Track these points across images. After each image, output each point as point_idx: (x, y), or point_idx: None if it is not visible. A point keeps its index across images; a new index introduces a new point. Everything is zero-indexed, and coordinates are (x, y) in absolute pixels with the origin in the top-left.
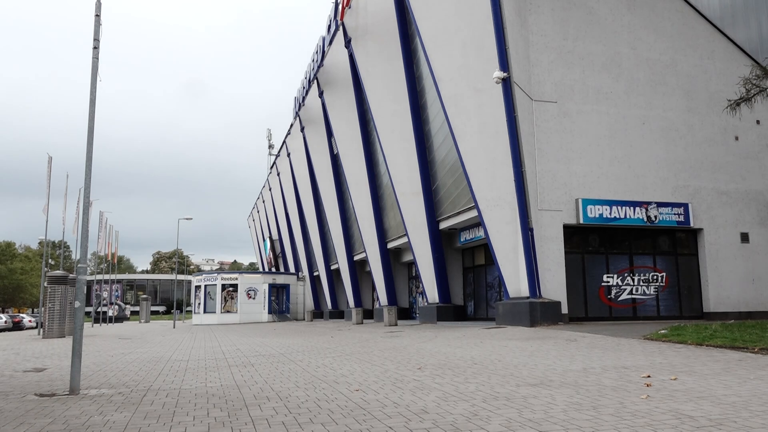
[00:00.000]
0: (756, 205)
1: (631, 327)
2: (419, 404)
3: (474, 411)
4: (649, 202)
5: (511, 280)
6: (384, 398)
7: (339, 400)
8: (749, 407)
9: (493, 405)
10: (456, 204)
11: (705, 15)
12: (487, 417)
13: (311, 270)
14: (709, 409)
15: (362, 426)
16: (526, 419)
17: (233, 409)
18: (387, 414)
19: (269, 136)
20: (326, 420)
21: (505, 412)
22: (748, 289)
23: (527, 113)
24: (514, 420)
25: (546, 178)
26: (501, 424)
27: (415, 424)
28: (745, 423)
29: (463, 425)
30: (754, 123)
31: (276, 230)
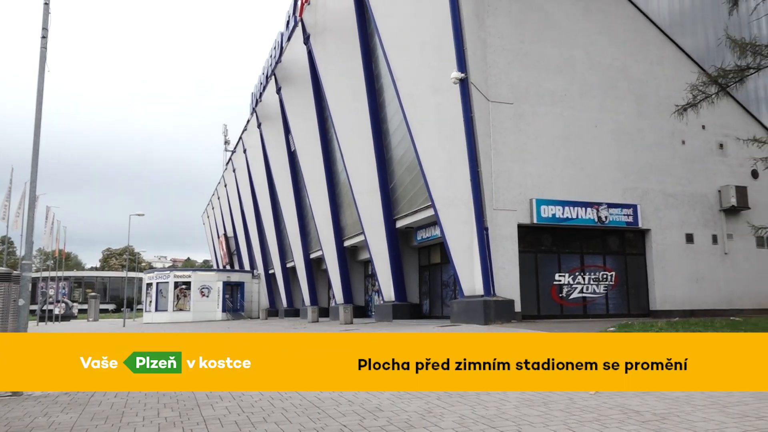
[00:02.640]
0: (700, 207)
1: (582, 325)
2: (374, 402)
3: (428, 408)
4: (600, 203)
5: (466, 278)
6: (339, 396)
7: (293, 399)
8: (692, 402)
9: (447, 402)
10: (413, 203)
11: (655, 22)
12: (440, 414)
13: (267, 268)
14: (654, 404)
15: (316, 425)
16: (479, 416)
17: (184, 409)
18: (341, 412)
19: (225, 131)
20: (280, 419)
21: (459, 409)
22: (692, 288)
23: (484, 114)
24: (467, 417)
25: (501, 178)
26: (454, 420)
27: (369, 422)
28: (687, 417)
29: (417, 422)
30: (700, 128)
31: (231, 227)
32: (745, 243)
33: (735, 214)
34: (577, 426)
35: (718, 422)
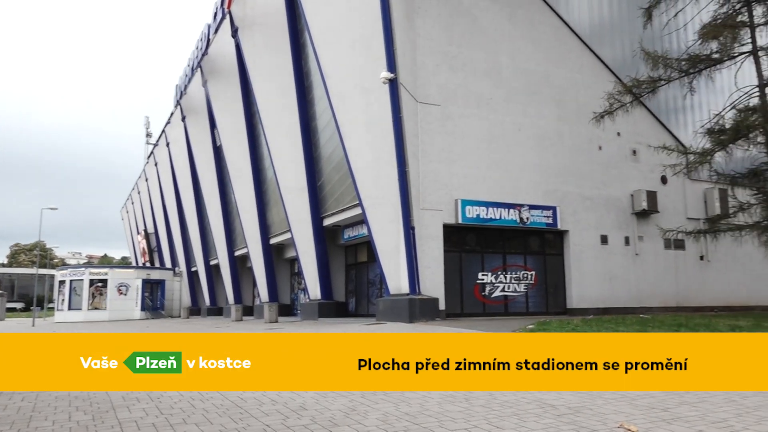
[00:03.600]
0: (615, 210)
1: (503, 322)
2: (298, 401)
3: (352, 406)
4: (522, 204)
5: (392, 277)
6: (261, 396)
7: (214, 399)
8: (603, 394)
9: (372, 400)
10: (341, 201)
11: (576, 32)
12: (365, 412)
13: (189, 265)
14: (569, 398)
15: (238, 425)
16: (403, 413)
17: (98, 412)
18: (264, 412)
19: (147, 124)
20: (200, 420)
21: (383, 407)
22: (605, 287)
23: (412, 114)
24: (391, 414)
25: (428, 178)
26: (378, 418)
27: (293, 421)
28: (599, 410)
29: (341, 420)
30: (616, 135)
31: (152, 223)
32: (654, 245)
33: (645, 218)
34: (497, 420)
35: (627, 413)
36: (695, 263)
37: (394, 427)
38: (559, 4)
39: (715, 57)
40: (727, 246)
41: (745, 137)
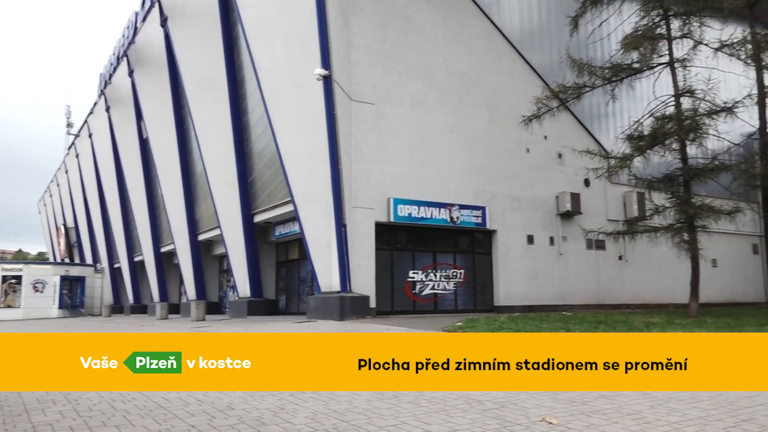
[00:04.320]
0: (541, 211)
1: (432, 320)
2: (225, 401)
3: (281, 405)
4: (453, 204)
5: (323, 274)
6: (187, 396)
7: (137, 400)
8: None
9: (301, 398)
10: (272, 197)
11: (508, 37)
12: (293, 410)
13: (112, 262)
14: (494, 394)
15: (162, 426)
16: (332, 410)
17: (10, 415)
18: (189, 412)
19: (68, 113)
20: (121, 422)
21: (312, 405)
22: (531, 286)
23: (346, 112)
24: (320, 412)
25: (361, 176)
26: (307, 416)
27: (220, 421)
28: (522, 404)
29: (269, 419)
30: (543, 138)
31: (72, 217)
32: (577, 245)
33: (569, 218)
34: (425, 417)
35: (549, 407)
36: (614, 263)
37: (323, 425)
38: (492, 10)
39: (636, 66)
40: (644, 246)
41: (662, 144)
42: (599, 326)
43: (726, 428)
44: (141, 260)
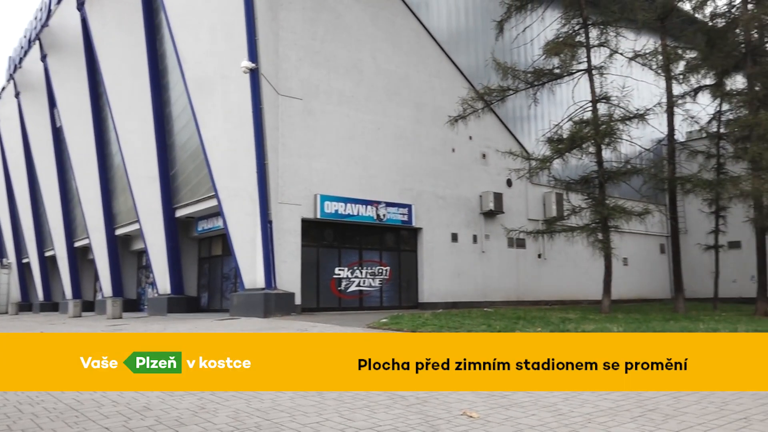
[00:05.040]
0: (465, 209)
1: (358, 316)
2: (142, 401)
3: (201, 404)
4: (380, 201)
5: (247, 271)
6: (101, 397)
7: (46, 402)
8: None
9: (222, 397)
10: (195, 192)
11: (435, 38)
12: (214, 410)
13: (20, 256)
14: (418, 389)
15: (73, 429)
16: (254, 409)
17: None
18: (103, 414)
19: None
20: (29, 426)
21: (234, 404)
22: (454, 282)
23: (273, 107)
24: (242, 410)
25: (288, 172)
26: (228, 415)
27: (136, 422)
28: (445, 399)
29: (189, 420)
30: (468, 138)
31: None
32: (499, 243)
33: (492, 217)
34: (349, 413)
35: (470, 401)
36: (534, 261)
37: (245, 424)
38: (420, 10)
39: (557, 72)
40: (561, 245)
41: (579, 147)
42: (518, 322)
43: (633, 417)
44: (53, 255)
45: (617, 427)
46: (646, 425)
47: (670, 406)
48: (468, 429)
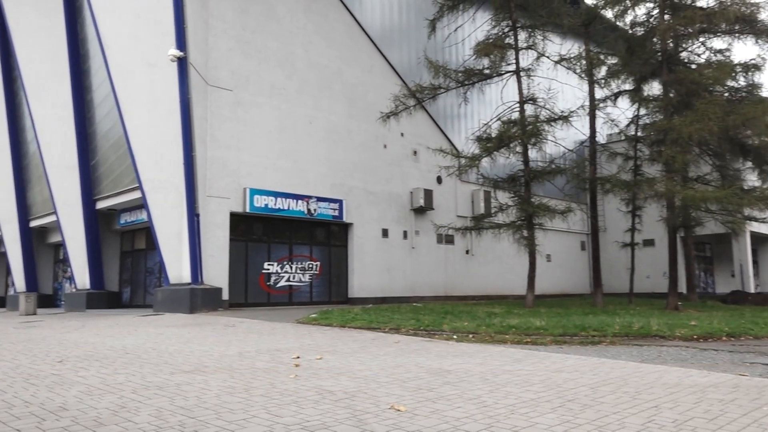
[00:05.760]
0: (396, 205)
1: (287, 312)
2: (57, 401)
3: (122, 403)
4: (310, 196)
5: (173, 265)
6: (13, 397)
7: None
8: (377, 379)
9: (144, 395)
10: (118, 183)
11: (368, 33)
12: (135, 408)
13: None
14: (346, 384)
15: None
16: (178, 407)
17: None
18: (15, 415)
19: None
20: None
21: (156, 402)
22: (384, 278)
23: (201, 97)
24: (165, 409)
25: (216, 164)
26: (150, 414)
27: (50, 423)
28: (373, 393)
29: (108, 419)
30: (400, 135)
31: None
32: (428, 239)
33: (422, 214)
34: (276, 409)
35: (398, 395)
36: (462, 257)
37: (168, 422)
38: (354, 5)
39: (486, 72)
40: (488, 242)
41: (507, 146)
42: (446, 316)
43: (553, 408)
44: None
45: (539, 417)
46: (565, 414)
47: (587, 396)
48: (396, 422)
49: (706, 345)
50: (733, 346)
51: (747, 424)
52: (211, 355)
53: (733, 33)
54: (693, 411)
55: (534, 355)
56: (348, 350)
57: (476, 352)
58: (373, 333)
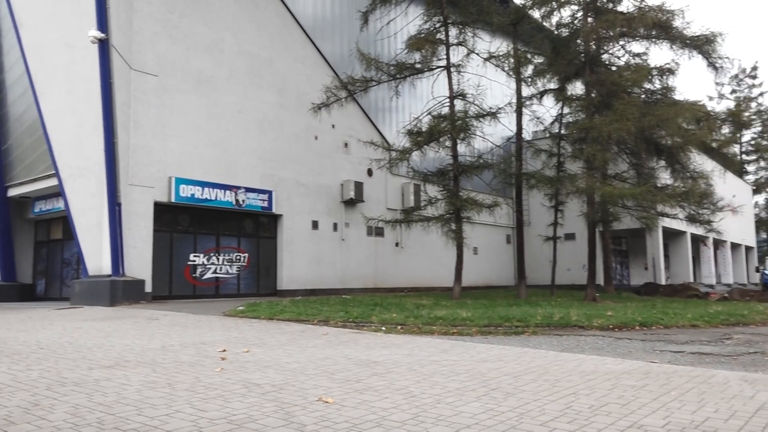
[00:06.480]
0: (326, 197)
1: (213, 304)
2: None
3: (35, 401)
4: (239, 186)
5: (92, 256)
6: None
7: None
8: (306, 371)
9: (59, 392)
10: (32, 169)
11: (300, 23)
12: (50, 406)
13: None
14: (273, 376)
15: None
16: (97, 403)
17: None
18: None
19: None
20: None
21: (73, 398)
22: (314, 270)
23: (125, 82)
24: (82, 405)
25: (140, 152)
26: (67, 411)
27: None
28: (301, 385)
29: (20, 418)
30: (331, 127)
31: None
32: (358, 231)
33: (352, 206)
34: (201, 404)
35: (326, 387)
36: (391, 249)
37: (86, 420)
38: None
39: (418, 67)
40: (418, 234)
41: (437, 141)
42: (375, 308)
43: (478, 397)
44: None
45: (464, 405)
46: (489, 403)
47: (510, 384)
48: (323, 414)
49: (620, 334)
50: (645, 335)
51: (656, 408)
52: (132, 350)
53: (650, 38)
54: (608, 397)
55: (460, 346)
56: (276, 343)
57: (404, 343)
58: (302, 325)
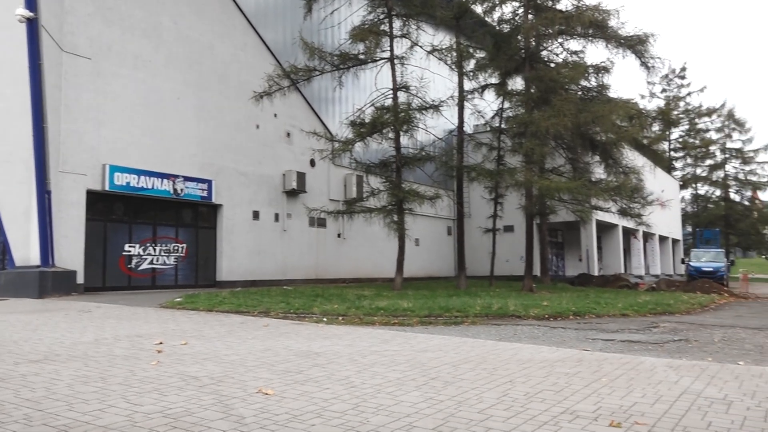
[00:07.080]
0: (267, 187)
1: (150, 296)
2: None
3: None
4: (177, 175)
5: (19, 246)
6: None
7: None
8: (245, 363)
9: None
10: None
11: (242, 9)
12: None
13: None
14: (212, 369)
15: None
16: (24, 399)
17: None
18: None
19: None
20: None
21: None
22: (254, 260)
23: (55, 64)
24: (8, 402)
25: (72, 138)
26: None
27: None
28: (240, 378)
29: None
30: (273, 116)
31: None
32: (300, 222)
33: (294, 196)
34: (136, 398)
35: (266, 379)
36: (333, 240)
37: (12, 417)
38: None
39: (362, 58)
40: (360, 226)
41: (380, 132)
42: (317, 299)
43: (418, 386)
44: None
45: (404, 395)
46: (429, 392)
47: (449, 373)
48: (263, 406)
49: (555, 323)
50: (579, 324)
51: (588, 394)
52: (62, 343)
53: (587, 36)
54: (542, 384)
55: (401, 336)
56: (215, 335)
57: (345, 333)
58: (242, 317)
